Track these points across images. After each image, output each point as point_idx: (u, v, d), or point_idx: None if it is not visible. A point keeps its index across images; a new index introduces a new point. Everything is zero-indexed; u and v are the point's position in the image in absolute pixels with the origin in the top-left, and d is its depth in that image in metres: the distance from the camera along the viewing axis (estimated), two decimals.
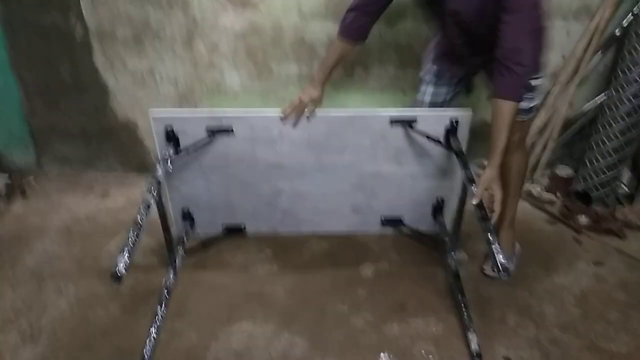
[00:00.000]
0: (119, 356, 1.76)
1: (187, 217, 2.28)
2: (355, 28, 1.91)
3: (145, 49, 2.59)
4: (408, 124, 2.03)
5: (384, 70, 2.67)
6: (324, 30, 2.57)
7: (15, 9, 2.49)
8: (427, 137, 2.03)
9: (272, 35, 2.57)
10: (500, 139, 1.68)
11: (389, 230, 2.38)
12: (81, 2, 2.46)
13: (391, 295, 2.02)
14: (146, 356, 1.70)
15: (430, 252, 2.27)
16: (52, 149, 2.87)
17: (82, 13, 2.48)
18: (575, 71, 2.55)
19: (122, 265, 1.40)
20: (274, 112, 2.04)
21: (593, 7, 2.47)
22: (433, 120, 2.03)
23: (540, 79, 1.84)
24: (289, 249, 2.29)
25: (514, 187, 2.05)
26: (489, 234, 1.53)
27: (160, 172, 1.85)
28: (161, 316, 1.86)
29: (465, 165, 1.86)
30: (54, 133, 2.82)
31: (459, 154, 1.95)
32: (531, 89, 1.82)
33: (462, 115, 2.01)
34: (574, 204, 2.55)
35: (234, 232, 2.35)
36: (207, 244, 2.30)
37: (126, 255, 1.44)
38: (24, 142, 2.85)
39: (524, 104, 1.83)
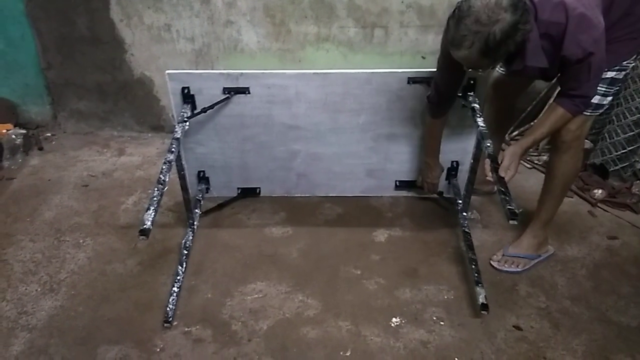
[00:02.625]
0: (136, 309, 1.81)
1: (203, 179, 2.29)
2: (443, 110, 1.98)
3: (163, 4, 2.55)
4: (427, 82, 2.01)
5: (404, 33, 2.61)
6: None
7: None
8: None
9: None
10: (540, 131, 1.70)
11: (402, 195, 2.38)
12: None
13: (404, 260, 2.04)
14: (169, 312, 1.75)
15: (444, 219, 2.27)
16: (68, 104, 2.87)
17: None
18: None
19: (149, 221, 1.47)
20: (290, 72, 2.02)
21: None
22: None
23: (622, 71, 1.68)
24: (303, 212, 2.30)
25: (555, 188, 1.92)
26: (500, 185, 1.58)
27: (179, 132, 1.85)
28: (181, 275, 1.90)
29: (480, 122, 1.87)
30: (70, 87, 2.81)
31: (474, 110, 1.94)
32: (606, 81, 1.69)
33: (480, 75, 1.97)
34: (590, 177, 2.53)
35: (249, 194, 2.36)
36: (222, 205, 2.32)
37: (152, 211, 1.50)
38: (40, 96, 2.85)
39: (596, 98, 1.70)
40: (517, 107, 2.39)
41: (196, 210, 2.21)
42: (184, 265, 1.95)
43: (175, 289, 1.84)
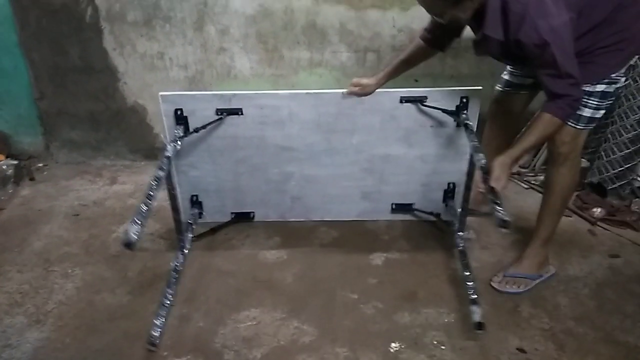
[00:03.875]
0: (125, 340, 1.74)
1: (195, 204, 2.25)
2: (429, 38, 1.89)
3: (156, 32, 2.56)
4: (419, 101, 2.01)
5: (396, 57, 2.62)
6: (336, 15, 2.53)
7: None
8: (437, 108, 2.02)
9: (283, 19, 2.53)
10: (528, 140, 1.66)
11: (399, 218, 2.34)
12: None
13: (402, 284, 1.99)
14: (154, 337, 1.69)
15: (441, 241, 2.22)
16: (60, 133, 2.85)
17: None
18: None
19: (134, 234, 1.42)
20: (283, 92, 2.03)
21: None
22: (443, 98, 2.01)
23: (612, 84, 1.67)
24: (298, 237, 2.25)
25: (553, 203, 1.89)
26: (492, 195, 1.56)
27: (170, 150, 1.83)
28: (169, 298, 1.84)
29: (472, 138, 1.86)
30: (63, 117, 2.80)
31: (468, 127, 1.93)
32: (597, 95, 1.68)
33: (472, 92, 1.99)
34: (588, 196, 2.50)
35: (243, 219, 2.32)
36: (215, 230, 2.28)
37: (139, 225, 1.46)
38: (32, 126, 2.83)
39: (586, 112, 1.69)
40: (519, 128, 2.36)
41: (188, 234, 2.16)
42: (173, 288, 1.89)
43: (162, 312, 1.77)
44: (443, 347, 1.70)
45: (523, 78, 1.99)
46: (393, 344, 1.72)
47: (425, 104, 2.02)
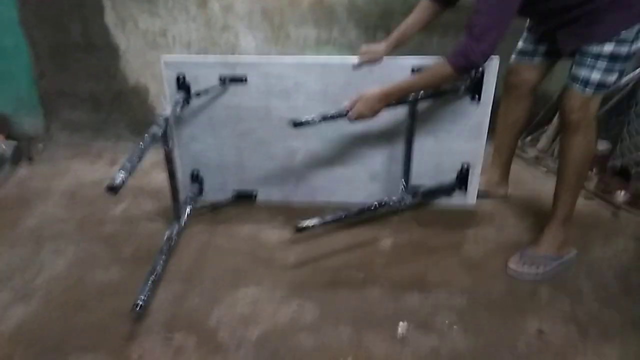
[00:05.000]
0: (113, 317, 1.63)
1: (196, 179, 2.15)
2: None
3: (158, 8, 2.48)
4: None
5: None
6: None
7: None
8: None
9: None
10: (411, 79, 1.71)
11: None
12: None
13: (411, 265, 1.86)
14: (140, 299, 1.60)
15: (454, 223, 2.09)
16: (61, 114, 2.77)
17: None
18: None
19: (120, 178, 1.38)
20: (289, 59, 1.94)
21: None
22: None
23: (622, 44, 1.53)
24: (302, 217, 2.13)
25: (568, 176, 1.76)
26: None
27: (169, 111, 1.74)
28: (160, 264, 1.76)
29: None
30: (63, 97, 2.72)
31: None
32: (606, 56, 1.56)
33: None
34: (611, 180, 2.35)
35: (245, 198, 2.21)
36: (216, 208, 2.18)
37: (127, 170, 1.43)
38: (33, 107, 2.75)
39: (594, 76, 1.58)
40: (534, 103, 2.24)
41: (186, 205, 2.06)
42: (165, 254, 1.81)
43: (151, 276, 1.69)
44: (455, 327, 1.57)
45: (535, 45, 1.87)
46: (401, 323, 1.59)
47: None
